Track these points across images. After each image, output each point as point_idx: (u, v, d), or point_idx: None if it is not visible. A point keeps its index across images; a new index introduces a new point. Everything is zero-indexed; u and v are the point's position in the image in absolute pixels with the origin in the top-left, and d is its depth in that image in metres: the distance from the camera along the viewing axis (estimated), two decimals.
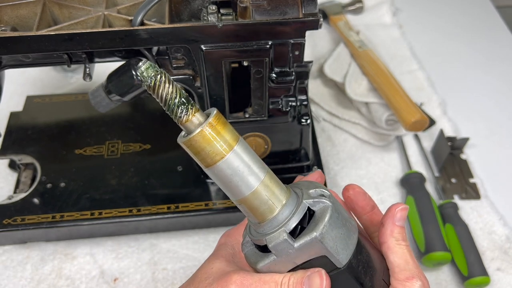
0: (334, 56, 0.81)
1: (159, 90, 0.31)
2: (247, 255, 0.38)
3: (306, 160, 0.64)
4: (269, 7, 0.47)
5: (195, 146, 0.32)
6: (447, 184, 0.70)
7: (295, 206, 0.36)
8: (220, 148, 0.33)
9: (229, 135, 0.33)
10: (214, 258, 0.40)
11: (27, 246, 0.63)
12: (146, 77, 0.31)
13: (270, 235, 0.34)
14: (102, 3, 0.50)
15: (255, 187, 0.34)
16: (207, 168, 0.34)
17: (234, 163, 0.33)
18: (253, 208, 0.35)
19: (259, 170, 0.35)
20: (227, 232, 0.44)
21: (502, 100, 0.84)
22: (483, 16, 1.00)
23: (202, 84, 0.52)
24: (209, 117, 0.32)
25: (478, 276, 0.58)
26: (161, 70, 0.31)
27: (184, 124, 0.32)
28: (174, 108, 0.32)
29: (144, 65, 0.31)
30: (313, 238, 0.34)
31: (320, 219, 0.35)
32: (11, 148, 0.68)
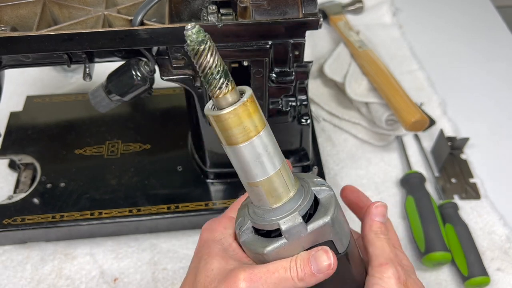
0: (334, 56, 0.81)
1: (206, 56, 0.30)
2: (248, 242, 0.37)
3: (306, 160, 0.64)
4: (269, 7, 0.47)
5: (227, 122, 0.32)
6: (447, 184, 0.70)
7: (304, 193, 0.37)
8: (252, 127, 0.32)
9: (260, 115, 0.33)
10: (210, 258, 0.39)
11: (27, 246, 0.63)
12: (194, 41, 0.29)
13: (284, 218, 0.35)
14: (102, 3, 0.50)
15: (278, 168, 0.35)
16: (231, 146, 0.33)
17: (265, 142, 0.33)
18: (270, 190, 0.35)
19: (280, 154, 0.36)
20: (207, 227, 0.43)
21: (502, 100, 0.84)
22: (483, 16, 1.00)
23: (202, 84, 0.52)
24: (244, 96, 0.32)
25: (478, 276, 0.58)
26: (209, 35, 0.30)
27: (219, 97, 0.31)
28: (215, 78, 0.31)
29: (194, 27, 0.29)
30: (326, 222, 0.35)
31: (329, 205, 0.36)
32: (11, 148, 0.68)
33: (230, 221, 0.42)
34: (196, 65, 0.30)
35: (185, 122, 0.68)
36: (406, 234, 0.65)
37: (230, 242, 0.40)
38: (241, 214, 0.39)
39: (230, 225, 0.42)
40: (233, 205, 0.44)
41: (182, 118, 0.70)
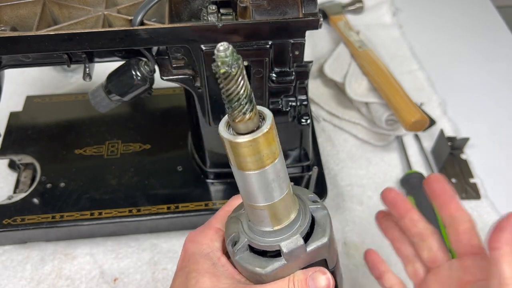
0: (334, 56, 0.81)
1: (236, 81, 0.28)
2: (243, 260, 0.36)
3: (306, 160, 0.64)
4: (269, 7, 0.47)
5: (245, 150, 0.30)
6: None
7: (302, 213, 0.37)
8: (269, 155, 0.31)
9: (278, 141, 0.32)
10: (200, 276, 0.37)
11: (27, 246, 0.63)
12: (227, 63, 0.27)
13: (286, 240, 0.35)
14: (102, 3, 0.50)
15: (286, 192, 0.34)
16: (243, 171, 0.31)
17: (278, 167, 0.32)
18: (276, 213, 0.34)
19: (287, 177, 0.35)
20: (192, 239, 0.40)
21: (502, 100, 0.83)
22: (483, 16, 1.00)
23: (202, 84, 0.52)
24: (265, 122, 0.30)
25: None
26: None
27: (242, 122, 0.29)
28: (241, 104, 0.28)
29: (228, 49, 0.26)
30: (324, 243, 0.36)
31: (325, 225, 0.37)
32: (11, 148, 0.68)
33: (217, 232, 0.40)
34: (223, 88, 0.28)
35: (185, 122, 0.68)
36: None
37: (219, 256, 0.38)
38: (233, 228, 0.38)
39: (217, 238, 0.40)
40: (217, 215, 0.42)
41: (182, 118, 0.70)
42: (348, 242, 0.64)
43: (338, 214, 0.67)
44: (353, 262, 0.62)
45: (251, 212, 0.35)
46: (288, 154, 0.63)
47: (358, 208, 0.68)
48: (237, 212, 0.39)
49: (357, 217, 0.67)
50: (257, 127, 0.30)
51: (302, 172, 0.65)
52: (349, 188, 0.70)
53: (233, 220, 0.38)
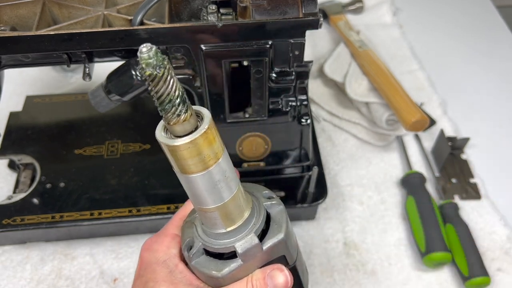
0: (334, 56, 0.81)
1: (164, 82, 0.26)
2: (200, 265, 0.35)
3: (306, 160, 0.64)
4: (269, 6, 0.47)
5: (184, 153, 0.29)
6: (448, 184, 0.70)
7: (256, 210, 0.36)
8: (212, 155, 0.30)
9: (219, 140, 0.31)
10: (156, 285, 0.36)
11: (27, 246, 0.63)
12: (151, 65, 0.26)
13: (241, 240, 0.34)
14: (102, 2, 0.50)
15: (234, 192, 0.33)
16: (186, 175, 0.30)
17: (224, 167, 0.31)
18: (226, 214, 0.33)
19: (236, 175, 0.33)
20: (148, 247, 0.39)
21: (502, 100, 0.83)
22: (484, 16, 1.00)
23: (202, 84, 0.52)
24: (203, 122, 0.29)
25: (478, 277, 0.58)
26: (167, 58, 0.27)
27: (177, 124, 0.28)
28: (174, 105, 0.27)
29: (151, 50, 0.25)
30: (280, 239, 0.35)
31: (281, 221, 0.36)
32: (11, 148, 0.68)
33: (174, 239, 0.39)
34: (152, 91, 0.27)
35: None
36: (407, 234, 0.65)
37: (176, 263, 0.38)
38: (188, 233, 0.37)
39: (174, 244, 0.39)
40: (173, 220, 0.41)
41: None
42: (348, 242, 0.64)
43: (338, 214, 0.67)
44: (353, 262, 0.62)
45: (202, 215, 0.34)
46: (288, 154, 0.63)
47: (358, 208, 0.68)
48: (191, 216, 0.38)
49: (357, 217, 0.67)
50: (195, 127, 0.29)
51: (302, 172, 0.65)
52: (349, 188, 0.70)
53: (188, 225, 0.37)
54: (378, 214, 0.67)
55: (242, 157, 0.61)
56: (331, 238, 0.65)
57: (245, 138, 0.59)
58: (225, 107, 0.55)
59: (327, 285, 0.60)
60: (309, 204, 0.62)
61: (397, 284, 0.61)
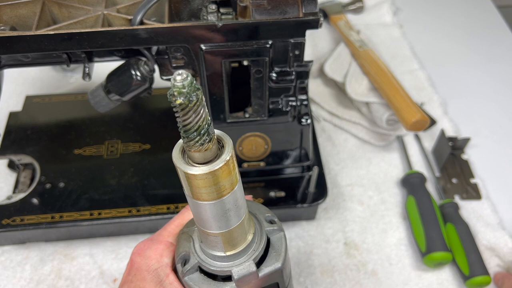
0: (335, 56, 0.81)
1: (193, 112, 0.25)
2: (192, 281, 0.35)
3: (306, 160, 0.63)
4: (269, 6, 0.47)
5: (202, 182, 0.28)
6: (448, 184, 0.70)
7: (258, 236, 0.35)
8: (228, 185, 0.29)
9: (237, 169, 0.29)
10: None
11: (26, 246, 0.63)
12: (184, 94, 0.24)
13: (239, 266, 0.34)
14: (102, 2, 0.50)
15: (242, 218, 0.32)
16: (199, 201, 0.29)
17: (236, 196, 0.30)
18: (229, 240, 0.33)
19: (245, 202, 0.33)
20: (140, 252, 0.38)
21: (503, 100, 0.83)
22: (484, 16, 1.00)
23: (202, 84, 0.52)
24: (224, 151, 0.28)
25: (479, 276, 0.58)
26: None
27: (198, 152, 0.27)
28: (200, 134, 0.26)
29: (186, 79, 0.24)
30: (277, 268, 0.35)
31: (280, 248, 0.35)
32: (10, 148, 0.68)
33: (168, 247, 0.38)
34: (179, 119, 0.26)
35: None
36: (407, 234, 0.65)
37: (168, 273, 0.37)
38: (184, 246, 0.36)
39: (167, 253, 0.38)
40: (168, 228, 0.40)
41: None
42: (348, 242, 0.64)
43: (338, 214, 0.67)
44: (353, 262, 0.62)
45: (203, 236, 0.33)
46: (288, 154, 0.63)
47: (359, 208, 0.68)
48: (189, 228, 0.37)
49: (358, 217, 0.67)
50: (215, 155, 0.28)
51: (302, 172, 0.65)
52: (350, 188, 0.70)
53: (185, 237, 0.37)
54: (379, 214, 0.67)
55: (242, 157, 0.61)
56: (332, 238, 0.64)
57: (245, 138, 0.59)
58: (225, 107, 0.55)
59: (328, 285, 0.60)
60: (309, 204, 0.62)
61: (397, 284, 0.61)
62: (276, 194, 0.63)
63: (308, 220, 0.66)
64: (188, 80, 0.24)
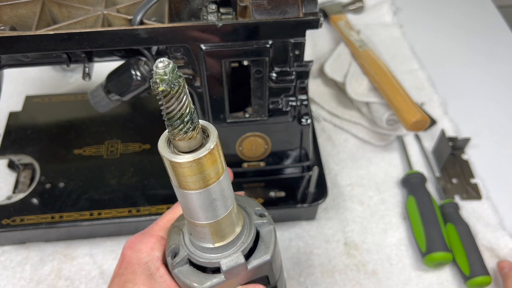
0: (335, 56, 0.81)
1: (176, 99, 0.25)
2: (182, 274, 0.35)
3: (306, 160, 0.63)
4: (269, 6, 0.46)
5: (187, 170, 0.28)
6: (448, 184, 0.70)
7: (247, 228, 0.36)
8: (213, 174, 0.29)
9: (223, 158, 0.30)
10: (135, 286, 0.36)
11: (26, 246, 0.63)
12: (166, 81, 0.25)
13: (227, 258, 0.34)
14: (102, 2, 0.50)
15: (229, 210, 0.32)
16: (185, 190, 0.29)
17: (223, 186, 0.31)
18: (217, 231, 0.33)
19: (232, 193, 0.33)
20: (131, 246, 0.39)
21: (503, 100, 0.83)
22: (484, 16, 1.00)
23: (202, 84, 0.52)
24: (209, 140, 0.28)
25: (479, 276, 0.58)
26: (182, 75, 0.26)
27: (182, 140, 0.27)
28: (183, 121, 0.26)
29: (168, 66, 0.25)
30: (266, 261, 0.35)
31: (269, 241, 0.36)
32: (10, 148, 0.68)
33: (159, 241, 0.39)
34: (163, 106, 0.26)
35: None
36: (407, 234, 0.65)
37: (158, 266, 0.37)
38: (175, 240, 0.36)
39: (158, 247, 0.38)
40: (160, 222, 0.40)
41: None
42: (348, 242, 0.64)
43: (338, 214, 0.67)
44: (353, 262, 0.62)
45: (192, 228, 0.34)
46: (288, 154, 0.63)
47: (359, 208, 0.68)
48: (180, 222, 0.38)
49: (358, 217, 0.67)
50: (200, 144, 0.28)
51: (302, 172, 0.65)
52: (350, 188, 0.70)
53: (175, 230, 0.37)
54: (379, 214, 0.67)
55: (242, 157, 0.61)
56: (332, 238, 0.64)
57: (245, 138, 0.59)
58: (225, 107, 0.55)
59: (328, 285, 0.60)
60: (309, 204, 0.62)
61: (398, 284, 0.61)
62: (276, 194, 0.63)
63: (308, 220, 0.66)
64: (170, 67, 0.25)
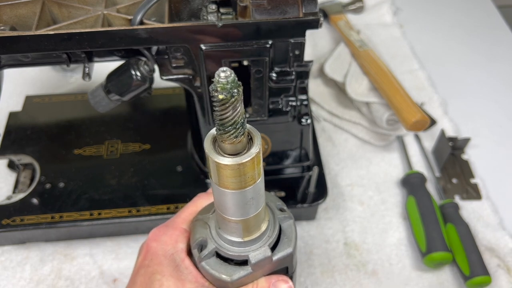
0: (335, 56, 0.81)
1: (232, 108, 0.26)
2: (210, 266, 0.37)
3: (306, 160, 0.63)
4: (269, 6, 0.46)
5: (230, 172, 0.29)
6: (448, 184, 0.70)
7: (271, 223, 0.38)
8: (252, 177, 0.31)
9: (261, 163, 0.32)
10: (164, 279, 0.37)
11: (26, 246, 0.63)
12: (227, 90, 0.26)
13: (256, 251, 0.36)
14: (102, 2, 0.50)
15: (261, 208, 0.34)
16: (222, 189, 0.31)
17: (259, 187, 0.32)
18: (248, 227, 0.35)
19: (264, 192, 0.35)
20: (156, 238, 0.39)
21: (503, 100, 0.83)
22: (484, 16, 1.00)
23: (202, 84, 0.52)
24: (253, 145, 0.30)
25: (479, 276, 0.58)
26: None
27: (230, 144, 0.28)
28: (235, 128, 0.27)
29: (230, 76, 0.26)
30: (289, 253, 0.37)
31: (291, 235, 0.38)
32: (10, 148, 0.68)
33: (182, 233, 0.39)
34: (218, 112, 0.27)
35: (185, 122, 0.68)
36: (407, 234, 0.65)
37: (183, 257, 0.38)
38: (201, 232, 0.37)
39: (182, 239, 0.39)
40: (182, 214, 0.41)
41: (182, 118, 0.70)
42: (348, 242, 0.64)
43: (338, 214, 0.67)
44: (353, 262, 0.62)
45: (223, 223, 0.35)
46: (288, 154, 0.63)
47: (359, 208, 0.68)
48: (204, 215, 0.39)
49: (358, 217, 0.67)
50: (244, 148, 0.29)
51: (302, 172, 0.65)
52: (350, 188, 0.70)
53: (201, 224, 0.38)
54: (379, 214, 0.67)
55: None
56: (332, 238, 0.64)
57: None
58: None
59: (328, 285, 0.60)
60: (309, 204, 0.62)
61: (398, 284, 0.61)
62: (276, 194, 0.63)
63: (308, 220, 0.66)
64: (232, 77, 0.26)
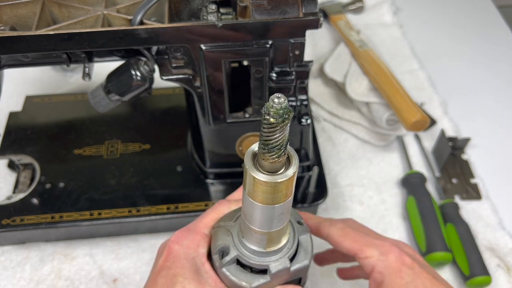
0: (335, 56, 0.81)
1: (280, 131, 0.28)
2: (230, 272, 0.38)
3: (306, 160, 0.63)
4: (269, 6, 0.46)
5: (267, 188, 0.31)
6: (448, 185, 0.70)
7: (291, 235, 0.39)
8: (284, 195, 0.32)
9: (295, 181, 0.33)
10: (186, 282, 0.38)
11: (26, 246, 0.63)
12: (279, 115, 0.27)
13: (276, 262, 0.37)
14: (102, 2, 0.50)
15: (287, 221, 0.36)
16: (255, 202, 0.32)
17: (287, 206, 0.34)
18: (272, 238, 0.36)
19: (291, 208, 0.36)
20: (178, 241, 0.40)
21: (503, 100, 0.83)
22: (484, 15, 1.00)
23: (202, 84, 0.52)
24: (291, 166, 0.31)
25: (479, 276, 0.58)
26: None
27: (271, 163, 0.30)
28: (279, 149, 0.28)
29: (284, 102, 0.26)
30: (306, 265, 0.38)
31: (308, 247, 0.39)
32: (10, 148, 0.68)
33: (203, 238, 0.40)
34: (265, 134, 0.28)
35: (185, 122, 0.68)
36: (407, 234, 0.65)
37: (203, 262, 0.39)
38: (223, 239, 0.38)
39: (203, 243, 0.40)
40: (204, 220, 0.42)
41: (182, 118, 0.70)
42: None
43: (338, 214, 0.67)
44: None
45: (248, 232, 0.37)
46: None
47: (359, 208, 0.68)
48: (227, 223, 0.40)
49: (358, 217, 0.66)
50: (282, 167, 0.31)
51: (302, 172, 0.65)
52: (350, 188, 0.70)
53: (223, 231, 0.39)
54: (379, 214, 0.67)
55: (242, 157, 0.61)
56: None
57: (245, 138, 0.59)
58: (225, 107, 0.55)
59: (328, 285, 0.60)
60: (309, 204, 0.62)
61: None
62: None
63: None
64: (285, 103, 0.27)
